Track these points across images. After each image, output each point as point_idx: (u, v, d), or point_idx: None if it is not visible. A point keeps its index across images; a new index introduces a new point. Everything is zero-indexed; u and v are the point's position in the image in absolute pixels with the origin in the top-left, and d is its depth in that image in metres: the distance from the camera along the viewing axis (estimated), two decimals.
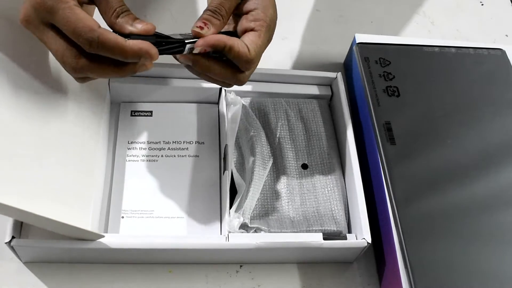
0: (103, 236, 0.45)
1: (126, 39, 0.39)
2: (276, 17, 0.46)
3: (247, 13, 0.45)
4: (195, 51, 0.42)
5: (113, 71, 0.40)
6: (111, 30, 0.40)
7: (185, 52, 0.43)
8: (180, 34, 0.43)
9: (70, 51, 0.39)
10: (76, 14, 0.38)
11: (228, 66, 0.44)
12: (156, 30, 0.42)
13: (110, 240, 0.46)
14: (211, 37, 0.42)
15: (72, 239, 0.45)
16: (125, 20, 0.40)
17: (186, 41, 0.42)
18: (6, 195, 0.39)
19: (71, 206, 0.46)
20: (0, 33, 0.45)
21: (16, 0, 0.41)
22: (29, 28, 0.40)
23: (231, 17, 0.47)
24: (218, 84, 0.46)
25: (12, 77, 0.46)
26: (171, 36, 0.43)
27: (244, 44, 0.43)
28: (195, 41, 0.42)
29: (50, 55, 0.48)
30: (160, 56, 0.43)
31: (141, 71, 0.41)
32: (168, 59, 0.65)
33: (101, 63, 0.40)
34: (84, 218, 0.47)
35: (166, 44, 0.42)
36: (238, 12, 0.46)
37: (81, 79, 0.42)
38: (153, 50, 0.39)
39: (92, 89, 0.53)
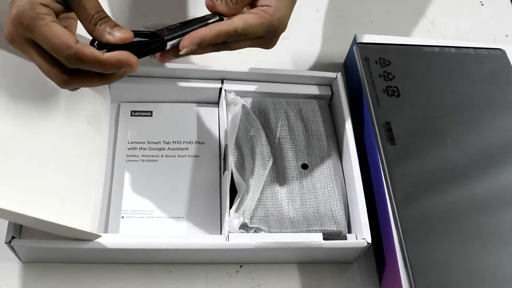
0: (99, 236, 0.45)
1: (104, 51, 0.39)
2: (285, 23, 0.47)
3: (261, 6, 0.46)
4: (182, 52, 0.42)
5: (99, 81, 0.41)
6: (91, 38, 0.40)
7: (168, 48, 0.43)
8: (166, 28, 0.43)
9: (53, 67, 0.39)
10: (52, 31, 0.38)
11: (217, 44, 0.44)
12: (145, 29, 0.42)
13: (110, 240, 0.46)
14: (194, 35, 0.42)
15: (71, 240, 0.45)
16: (103, 28, 0.40)
17: (165, 37, 0.42)
18: (2, 199, 0.39)
19: (71, 207, 0.46)
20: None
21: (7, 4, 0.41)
22: (13, 45, 0.40)
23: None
24: None
25: (10, 77, 0.46)
26: (154, 31, 0.42)
27: (228, 22, 0.43)
28: (176, 35, 0.42)
29: None
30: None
31: (128, 74, 0.41)
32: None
33: (85, 76, 0.40)
34: (84, 218, 0.47)
35: (146, 45, 0.41)
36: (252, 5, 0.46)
37: (71, 90, 0.43)
38: (132, 59, 0.39)
39: (92, 89, 0.53)
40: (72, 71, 0.39)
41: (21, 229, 0.47)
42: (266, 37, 0.46)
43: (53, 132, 0.47)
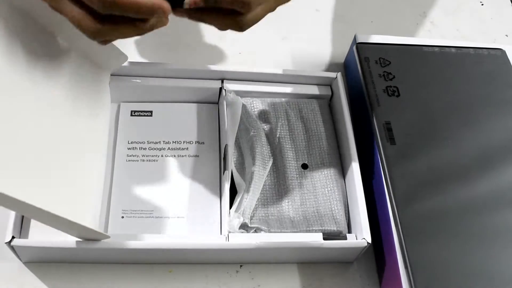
0: (108, 237, 0.45)
1: None
2: None
3: None
4: (185, 6, 0.41)
5: (131, 31, 0.41)
6: None
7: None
8: None
9: (86, 17, 0.39)
10: None
11: (224, 12, 0.43)
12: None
13: (110, 240, 0.46)
14: None
15: (71, 239, 0.45)
16: None
17: None
18: (18, 191, 0.38)
19: (71, 206, 0.46)
20: (9, 30, 0.45)
21: None
22: None
23: None
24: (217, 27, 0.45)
25: (12, 75, 0.46)
26: None
27: None
28: None
29: (50, 56, 0.48)
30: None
31: (159, 27, 0.41)
32: (168, 59, 0.65)
33: (118, 24, 0.40)
34: (84, 219, 0.47)
35: None
36: None
37: (102, 42, 0.43)
38: (165, 4, 0.39)
39: (92, 89, 0.53)
40: (104, 20, 0.39)
41: (21, 229, 0.47)
42: None
43: (52, 132, 0.47)
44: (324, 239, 0.49)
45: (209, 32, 0.70)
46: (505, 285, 0.47)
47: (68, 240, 0.45)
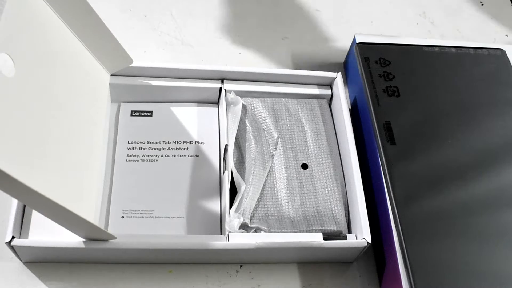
0: (115, 237, 0.45)
1: None
2: None
3: None
4: None
5: None
6: None
7: None
8: None
9: None
10: None
11: None
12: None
13: (111, 240, 0.46)
14: None
15: (71, 240, 0.45)
16: None
17: None
18: (37, 183, 0.38)
19: (79, 205, 0.46)
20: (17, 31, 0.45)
21: None
22: None
23: None
24: None
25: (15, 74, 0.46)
26: None
27: None
28: None
29: (52, 56, 0.48)
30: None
31: None
32: (168, 59, 0.65)
33: None
34: (89, 218, 0.47)
35: None
36: None
37: None
38: None
39: (92, 89, 0.53)
40: None
41: (21, 229, 0.47)
42: None
43: (52, 132, 0.47)
44: (324, 239, 0.49)
45: (209, 32, 0.70)
46: (505, 285, 0.47)
47: (69, 241, 0.45)
